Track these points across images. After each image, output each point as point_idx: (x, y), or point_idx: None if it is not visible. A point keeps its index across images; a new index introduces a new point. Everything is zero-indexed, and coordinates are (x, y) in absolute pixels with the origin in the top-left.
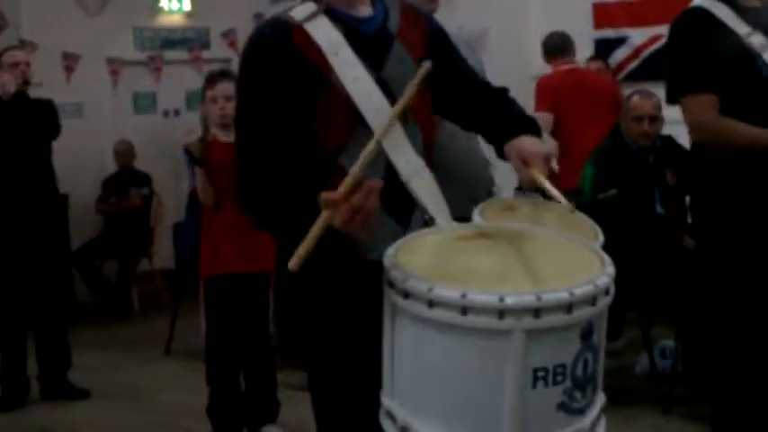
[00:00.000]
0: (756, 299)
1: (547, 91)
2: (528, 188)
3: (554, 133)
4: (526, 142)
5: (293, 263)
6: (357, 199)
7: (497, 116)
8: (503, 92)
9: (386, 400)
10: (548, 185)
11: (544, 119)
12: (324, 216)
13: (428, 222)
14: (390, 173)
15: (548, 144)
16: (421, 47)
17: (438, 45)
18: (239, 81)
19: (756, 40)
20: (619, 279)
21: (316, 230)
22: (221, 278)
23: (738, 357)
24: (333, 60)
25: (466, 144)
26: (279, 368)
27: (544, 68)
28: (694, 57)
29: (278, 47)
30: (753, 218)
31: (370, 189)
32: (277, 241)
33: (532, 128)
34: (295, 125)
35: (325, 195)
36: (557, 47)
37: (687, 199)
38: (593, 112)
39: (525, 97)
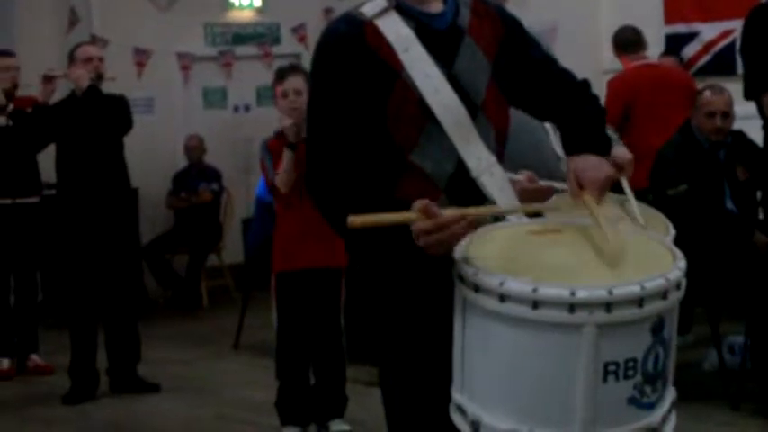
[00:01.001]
0: None
1: (618, 94)
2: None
3: (628, 131)
4: (588, 164)
5: (353, 219)
6: (457, 228)
7: (571, 116)
8: (582, 86)
9: (456, 395)
10: (597, 215)
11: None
12: (412, 216)
13: (499, 219)
14: (461, 168)
15: (621, 153)
16: (493, 40)
17: (511, 37)
18: (312, 76)
19: None
20: (688, 274)
21: (394, 217)
22: (293, 273)
23: None
24: (403, 57)
25: (536, 139)
26: (348, 364)
27: (615, 63)
28: None
29: (351, 43)
30: None
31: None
32: (345, 237)
33: (601, 144)
34: (366, 121)
35: (426, 204)
36: (629, 41)
37: (758, 195)
38: (669, 106)
39: (596, 91)
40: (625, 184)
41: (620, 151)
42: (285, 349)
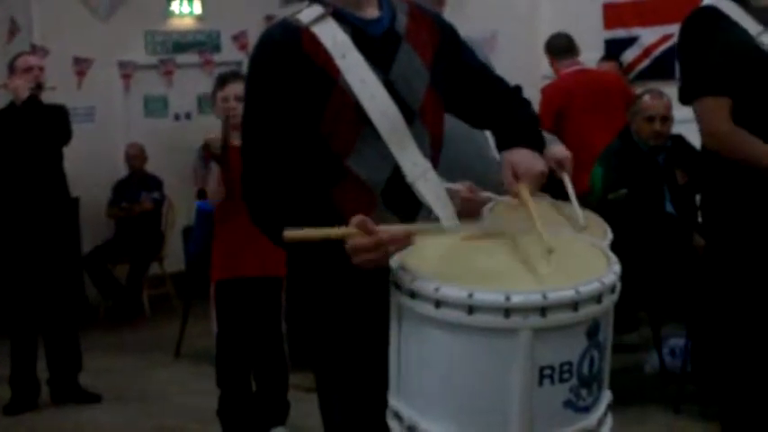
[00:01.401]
0: (765, 297)
1: (551, 101)
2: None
3: (563, 137)
4: (523, 157)
5: (289, 233)
6: (393, 248)
7: (504, 119)
8: (515, 92)
9: (393, 401)
10: (530, 205)
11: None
12: (348, 232)
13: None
14: (397, 174)
15: (559, 151)
16: (430, 47)
17: (447, 44)
18: (247, 83)
19: None
20: (629, 278)
21: (331, 232)
22: (233, 282)
23: (748, 356)
24: (340, 63)
25: (478, 147)
26: (290, 370)
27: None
28: (708, 57)
29: (287, 50)
30: (763, 217)
31: (402, 239)
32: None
33: (535, 142)
34: (303, 128)
35: (363, 219)
36: (561, 48)
37: (697, 198)
38: (604, 111)
39: (535, 100)
40: (567, 181)
41: (558, 149)
42: (225, 357)
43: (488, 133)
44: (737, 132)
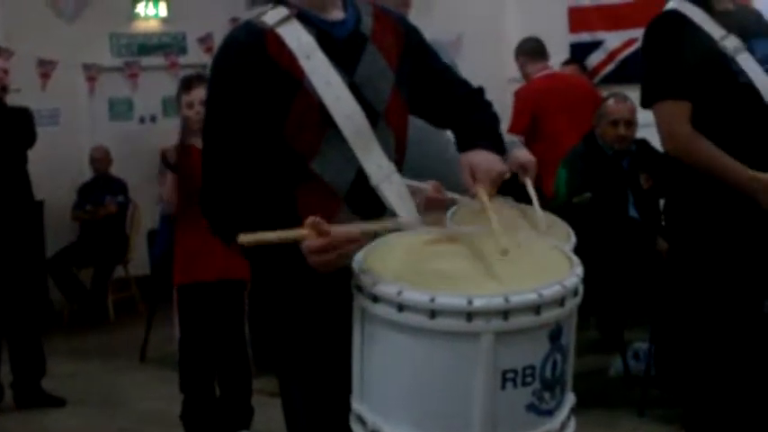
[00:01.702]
0: (729, 301)
1: (523, 102)
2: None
3: (537, 140)
4: (481, 158)
5: (244, 237)
6: (347, 248)
7: (465, 121)
8: (477, 94)
9: (356, 405)
10: (489, 208)
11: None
12: (302, 234)
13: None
14: (361, 176)
15: (523, 155)
16: (395, 49)
17: (412, 46)
18: (210, 86)
19: (730, 43)
20: (593, 282)
21: (285, 235)
22: (195, 286)
23: (711, 359)
24: (305, 64)
25: (443, 149)
26: (254, 375)
27: (519, 72)
28: (669, 61)
29: (251, 51)
30: (726, 221)
31: (354, 240)
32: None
33: (495, 144)
34: (266, 131)
35: (317, 221)
36: (534, 50)
37: (661, 202)
38: (577, 114)
39: (501, 102)
40: (530, 185)
41: (522, 153)
42: (188, 362)
43: (451, 134)
44: (696, 137)
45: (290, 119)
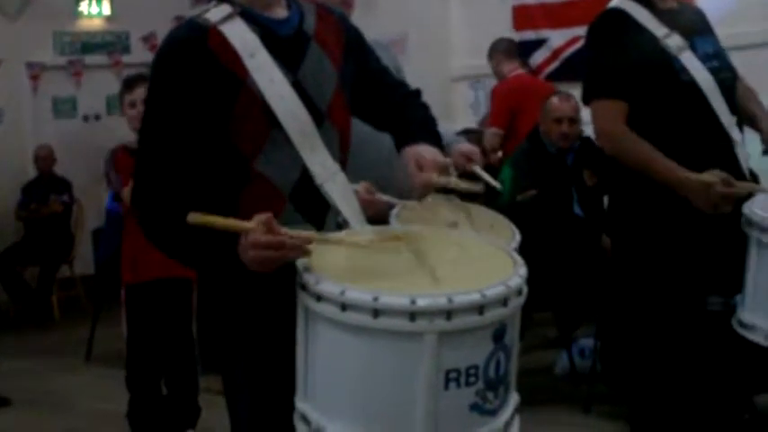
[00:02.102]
0: (671, 298)
1: (503, 98)
2: (422, 194)
3: (511, 138)
4: (424, 149)
5: (193, 217)
6: (291, 253)
7: (403, 121)
8: (414, 95)
9: (300, 403)
10: (447, 182)
11: (494, 134)
12: (251, 227)
13: (342, 225)
14: (305, 176)
15: (466, 147)
16: (337, 48)
17: (353, 45)
18: (150, 84)
19: (673, 42)
20: (538, 279)
21: (233, 223)
22: (143, 285)
23: (654, 356)
24: (248, 63)
25: (378, 148)
26: (201, 374)
27: (464, 71)
28: (609, 60)
29: (192, 49)
30: (668, 218)
31: (299, 245)
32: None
33: (435, 140)
34: (208, 130)
35: (267, 218)
36: (508, 50)
37: (605, 199)
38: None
39: (445, 101)
40: (479, 170)
41: (465, 144)
42: (135, 361)
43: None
44: (629, 136)
45: (232, 118)
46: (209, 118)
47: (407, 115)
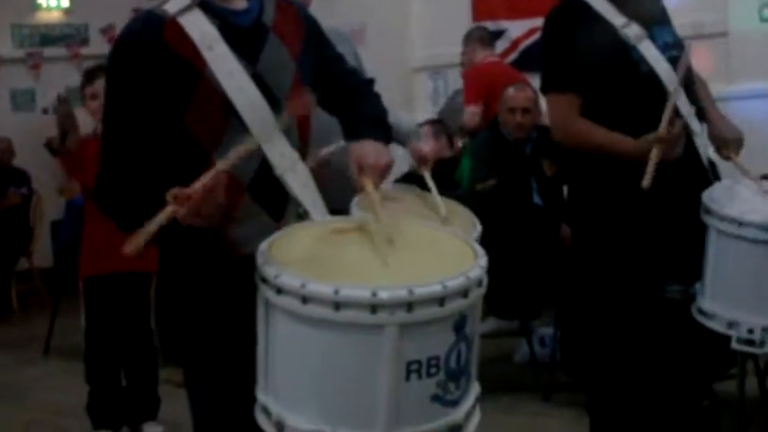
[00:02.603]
0: (630, 286)
1: (477, 80)
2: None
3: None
4: (368, 150)
5: (128, 247)
6: (216, 200)
7: (352, 112)
8: (366, 85)
9: (261, 396)
10: (376, 201)
11: (473, 114)
12: (172, 210)
13: (302, 216)
14: (265, 166)
15: (422, 149)
16: (297, 39)
17: (313, 36)
18: (107, 77)
19: (632, 31)
20: (498, 268)
21: (158, 219)
22: (101, 278)
23: (613, 344)
24: (207, 54)
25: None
26: (161, 365)
27: (424, 62)
28: (564, 52)
29: (147, 41)
30: (625, 207)
31: (215, 186)
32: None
33: (382, 134)
34: (166, 122)
35: (176, 192)
36: (483, 38)
37: (565, 189)
38: None
39: (405, 90)
40: (428, 177)
41: (420, 146)
42: (94, 353)
43: None
44: (581, 124)
45: (190, 109)
46: (166, 110)
47: (357, 107)
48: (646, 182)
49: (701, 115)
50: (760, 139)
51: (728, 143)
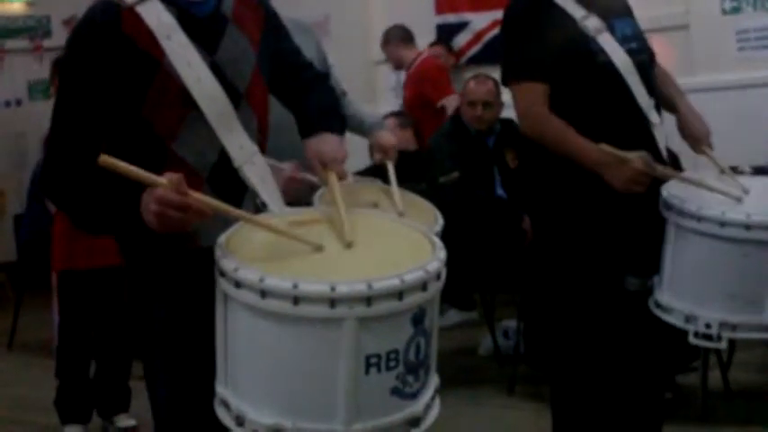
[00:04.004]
0: (589, 278)
1: (444, 72)
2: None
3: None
4: (326, 143)
5: (105, 159)
6: (195, 217)
7: (306, 104)
8: (320, 78)
9: (220, 389)
10: (337, 195)
11: (455, 98)
12: (162, 182)
13: (260, 208)
14: (223, 157)
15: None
16: (257, 29)
17: (272, 27)
18: (62, 64)
19: (591, 23)
20: (461, 260)
21: (144, 175)
22: (77, 272)
23: (574, 336)
24: (165, 44)
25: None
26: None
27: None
28: (525, 42)
29: (104, 30)
30: (584, 198)
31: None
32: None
33: (337, 124)
34: (122, 112)
35: (180, 179)
36: (405, 36)
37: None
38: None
39: (368, 82)
40: (390, 168)
41: (384, 135)
42: (68, 348)
43: None
44: (547, 118)
45: (148, 100)
46: (124, 99)
47: (310, 97)
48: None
49: (662, 107)
50: (721, 131)
51: (701, 138)
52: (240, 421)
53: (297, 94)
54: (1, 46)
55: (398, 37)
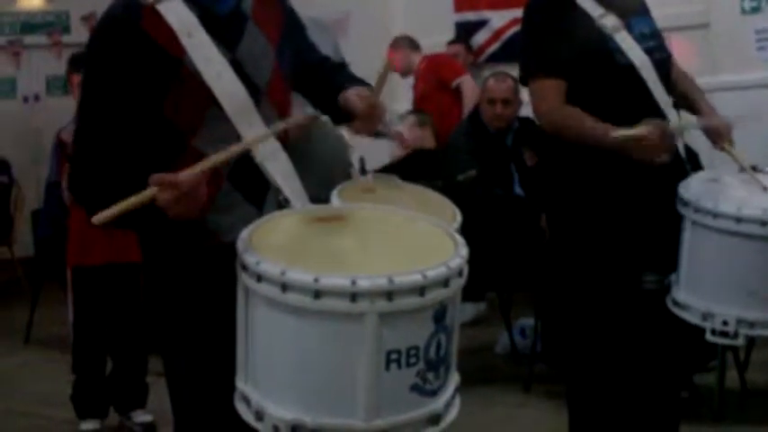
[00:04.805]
0: (607, 277)
1: (455, 58)
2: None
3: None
4: (358, 88)
5: (97, 217)
6: (197, 185)
7: (330, 83)
8: (340, 65)
9: (240, 384)
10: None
11: (469, 81)
12: (152, 194)
13: (283, 204)
14: (245, 154)
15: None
16: (276, 26)
17: (292, 24)
18: (85, 63)
19: (609, 21)
20: (479, 259)
21: (136, 199)
22: (92, 268)
23: (591, 335)
24: (186, 42)
25: (323, 126)
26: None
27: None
28: (544, 39)
29: (125, 28)
30: (602, 197)
31: (199, 180)
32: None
33: (362, 83)
34: (144, 109)
35: (163, 177)
36: (413, 44)
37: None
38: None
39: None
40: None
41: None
42: (83, 343)
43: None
44: (565, 109)
45: (169, 96)
46: (145, 96)
47: (337, 79)
48: (617, 132)
49: (681, 106)
50: (741, 130)
51: (723, 133)
52: (260, 416)
53: (318, 83)
54: (20, 41)
55: (408, 45)
